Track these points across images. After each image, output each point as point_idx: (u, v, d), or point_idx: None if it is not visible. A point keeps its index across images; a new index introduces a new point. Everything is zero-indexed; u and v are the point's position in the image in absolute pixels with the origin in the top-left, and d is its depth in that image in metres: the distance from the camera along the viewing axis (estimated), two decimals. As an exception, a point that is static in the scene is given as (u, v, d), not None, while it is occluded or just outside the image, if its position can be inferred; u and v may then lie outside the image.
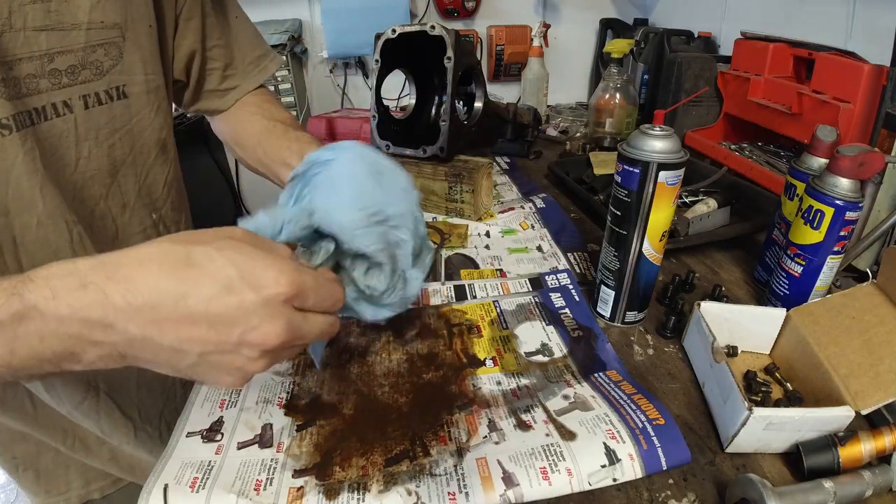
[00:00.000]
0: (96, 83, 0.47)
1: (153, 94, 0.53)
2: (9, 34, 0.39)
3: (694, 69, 1.05)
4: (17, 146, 0.41)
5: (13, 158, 0.41)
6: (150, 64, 0.51)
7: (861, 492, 0.36)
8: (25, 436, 0.55)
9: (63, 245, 0.46)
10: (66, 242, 0.46)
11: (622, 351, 0.53)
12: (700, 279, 0.64)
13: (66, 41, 0.43)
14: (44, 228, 0.44)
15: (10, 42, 0.40)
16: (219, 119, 0.65)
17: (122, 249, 0.29)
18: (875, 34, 0.83)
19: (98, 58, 0.46)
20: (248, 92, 0.64)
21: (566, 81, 1.57)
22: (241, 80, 0.63)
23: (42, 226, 0.44)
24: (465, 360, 0.50)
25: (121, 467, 0.61)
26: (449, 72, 0.73)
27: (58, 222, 0.45)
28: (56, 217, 0.45)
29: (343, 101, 1.54)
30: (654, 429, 0.40)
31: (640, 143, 0.47)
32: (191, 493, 0.37)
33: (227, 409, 0.45)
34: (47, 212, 0.44)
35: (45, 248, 0.45)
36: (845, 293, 0.47)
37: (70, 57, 0.44)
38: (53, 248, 0.45)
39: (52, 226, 0.45)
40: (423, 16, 1.46)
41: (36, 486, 0.58)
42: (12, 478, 0.57)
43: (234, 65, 0.62)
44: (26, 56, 0.41)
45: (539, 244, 0.72)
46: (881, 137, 0.69)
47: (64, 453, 0.57)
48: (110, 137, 0.49)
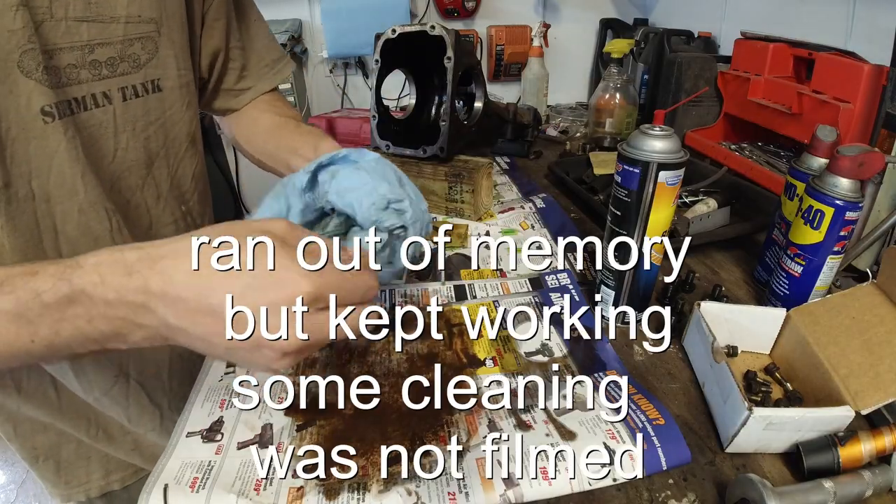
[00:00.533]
0: (133, 76, 0.47)
1: (185, 89, 0.54)
2: (49, 23, 0.40)
3: (694, 69, 1.05)
4: (60, 133, 0.42)
5: (56, 145, 0.42)
6: (181, 59, 0.52)
7: (861, 492, 0.36)
8: (46, 426, 0.55)
9: (103, 233, 0.47)
10: (105, 231, 0.47)
11: (622, 351, 0.53)
12: (700, 279, 0.64)
13: (106, 33, 0.44)
14: (85, 216, 0.45)
15: (51, 31, 0.40)
16: (229, 117, 0.67)
17: (163, 240, 0.31)
18: (875, 34, 0.83)
19: (135, 51, 0.47)
20: (262, 93, 0.66)
21: (566, 81, 1.57)
22: (255, 82, 0.64)
23: (83, 213, 0.45)
24: (465, 360, 0.50)
25: (144, 457, 0.61)
26: (449, 72, 0.73)
27: (98, 211, 0.46)
28: (97, 205, 0.46)
29: (343, 101, 1.54)
30: (654, 429, 0.40)
31: (640, 143, 0.47)
32: (191, 493, 0.37)
33: (227, 409, 0.45)
34: (89, 200, 0.45)
35: (87, 236, 0.46)
36: (845, 293, 0.47)
37: (109, 49, 0.45)
38: (95, 237, 0.46)
39: (93, 213, 0.46)
40: (423, 16, 1.46)
41: (56, 476, 0.58)
42: (31, 469, 0.57)
43: (250, 66, 0.64)
44: (67, 46, 0.42)
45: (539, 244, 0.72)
46: (881, 137, 0.69)
47: (86, 443, 0.58)
48: (146, 129, 0.50)
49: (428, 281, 0.64)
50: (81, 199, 0.44)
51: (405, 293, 0.61)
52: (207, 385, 0.49)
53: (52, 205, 0.43)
